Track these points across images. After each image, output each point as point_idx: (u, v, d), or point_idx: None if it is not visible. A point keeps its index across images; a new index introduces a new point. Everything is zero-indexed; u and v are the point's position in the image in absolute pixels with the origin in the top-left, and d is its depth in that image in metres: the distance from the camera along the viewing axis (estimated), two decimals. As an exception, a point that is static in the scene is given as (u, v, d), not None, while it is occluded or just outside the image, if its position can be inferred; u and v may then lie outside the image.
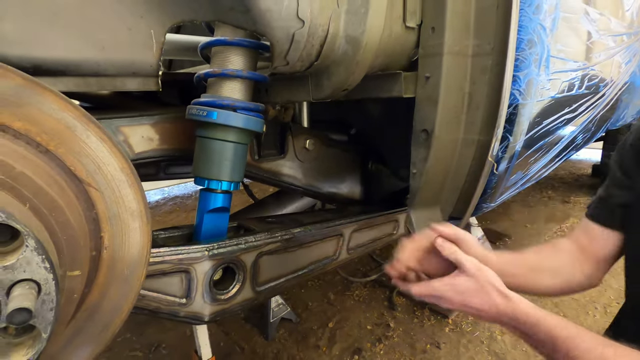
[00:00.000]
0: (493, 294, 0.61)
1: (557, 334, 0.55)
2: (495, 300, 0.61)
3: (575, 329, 0.56)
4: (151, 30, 0.68)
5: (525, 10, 0.88)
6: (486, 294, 0.62)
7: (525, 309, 0.60)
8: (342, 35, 0.73)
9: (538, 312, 0.59)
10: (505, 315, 0.61)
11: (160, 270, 0.68)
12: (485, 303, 0.62)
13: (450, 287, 0.64)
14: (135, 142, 0.81)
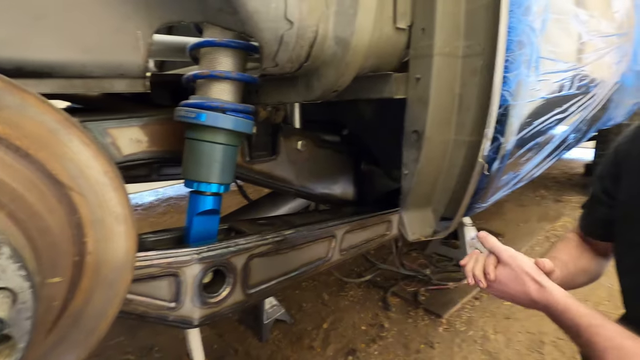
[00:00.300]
0: (527, 282, 0.66)
1: (582, 321, 0.58)
2: (530, 288, 0.66)
3: (601, 319, 0.58)
4: (138, 32, 0.67)
5: (514, 11, 0.89)
6: (521, 282, 0.67)
7: (557, 297, 0.64)
8: (331, 37, 0.73)
9: (567, 300, 0.63)
10: (538, 302, 0.66)
11: (148, 274, 0.67)
12: (520, 291, 0.67)
13: None
14: (124, 144, 0.80)
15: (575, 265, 0.79)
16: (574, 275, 0.77)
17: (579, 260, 0.81)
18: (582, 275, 0.80)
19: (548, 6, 1.01)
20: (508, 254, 0.70)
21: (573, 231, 0.89)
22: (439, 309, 1.90)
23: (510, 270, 0.68)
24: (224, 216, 1.41)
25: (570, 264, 0.79)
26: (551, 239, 2.73)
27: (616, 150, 0.78)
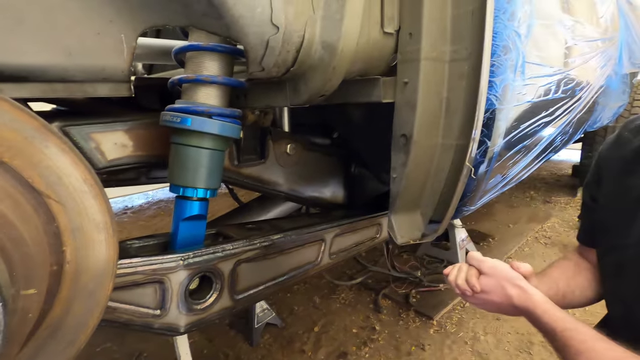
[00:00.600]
0: (509, 287, 0.69)
1: (558, 325, 0.61)
2: (510, 292, 0.69)
3: (575, 323, 0.61)
4: (122, 35, 0.66)
5: (500, 17, 0.90)
6: (502, 288, 0.70)
7: (536, 301, 0.66)
8: (318, 41, 0.73)
9: (546, 305, 0.65)
10: (519, 307, 0.68)
11: (132, 282, 0.66)
12: (502, 296, 0.70)
13: None
14: (108, 149, 0.79)
15: (568, 283, 0.79)
16: (564, 293, 0.78)
17: (574, 279, 0.81)
18: (578, 294, 0.80)
19: (533, 12, 1.02)
20: (488, 264, 0.72)
21: (574, 249, 0.90)
22: (430, 310, 1.91)
23: (492, 279, 0.70)
24: (212, 220, 1.40)
25: (562, 282, 0.79)
26: (540, 239, 2.76)
27: (598, 157, 0.80)
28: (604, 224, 0.76)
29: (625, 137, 0.75)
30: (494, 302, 0.70)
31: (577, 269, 0.82)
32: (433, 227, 1.09)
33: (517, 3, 0.94)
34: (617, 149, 0.76)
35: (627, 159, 0.72)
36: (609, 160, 0.77)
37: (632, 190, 0.69)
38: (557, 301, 0.75)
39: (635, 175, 0.69)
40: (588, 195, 0.83)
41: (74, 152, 0.46)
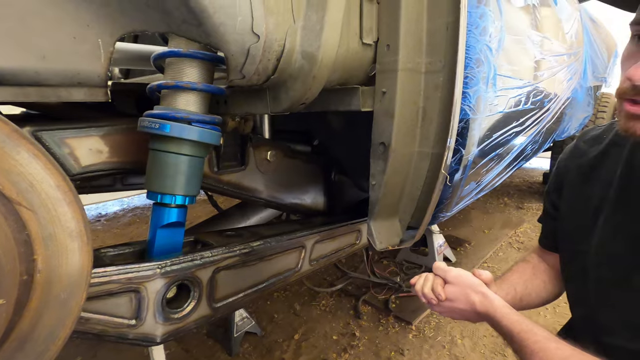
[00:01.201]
0: (471, 294, 0.72)
1: (514, 327, 0.64)
2: (473, 299, 0.71)
3: (531, 326, 0.64)
4: (99, 40, 0.65)
5: (472, 31, 0.94)
6: (465, 295, 0.73)
7: (497, 306, 0.69)
8: (298, 50, 0.74)
9: (504, 309, 0.68)
10: (481, 312, 0.70)
11: (106, 291, 0.64)
12: (466, 303, 0.72)
13: None
14: (82, 155, 0.77)
15: (526, 286, 0.83)
16: (522, 296, 0.81)
17: (531, 282, 0.85)
18: (534, 296, 0.84)
19: (503, 27, 1.08)
20: (453, 273, 0.76)
21: (533, 251, 0.94)
22: (409, 315, 1.93)
23: (457, 287, 0.73)
24: (192, 227, 1.38)
25: (520, 285, 0.83)
26: (514, 244, 2.86)
27: (558, 166, 0.84)
28: (565, 231, 0.80)
29: (581, 147, 0.80)
30: (459, 309, 0.73)
31: (534, 272, 0.86)
32: (411, 233, 1.11)
33: (488, 19, 0.98)
34: (574, 158, 0.80)
35: (584, 169, 0.76)
36: (567, 169, 0.81)
37: (590, 198, 0.73)
38: (515, 304, 0.79)
39: (592, 184, 0.73)
40: (549, 202, 0.87)
41: (47, 158, 0.45)
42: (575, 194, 0.77)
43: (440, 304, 0.75)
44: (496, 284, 0.82)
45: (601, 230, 0.69)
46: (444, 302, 0.75)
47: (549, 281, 0.86)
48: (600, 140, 0.77)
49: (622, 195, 0.67)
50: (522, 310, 0.83)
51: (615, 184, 0.68)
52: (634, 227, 0.63)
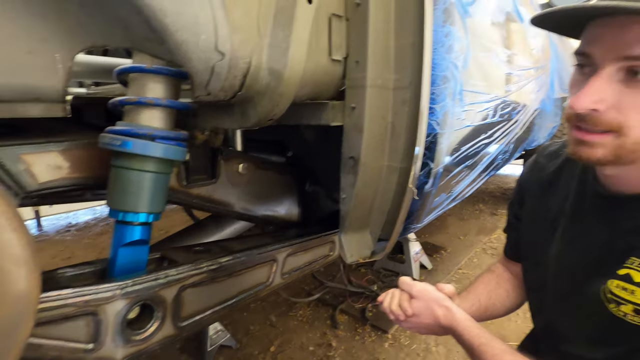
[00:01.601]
0: (435, 307, 0.73)
1: (474, 341, 0.66)
2: (437, 312, 0.73)
3: (489, 339, 0.66)
4: (56, 55, 0.63)
5: (438, 49, 0.97)
6: (430, 309, 0.74)
7: (459, 319, 0.71)
8: (265, 68, 0.74)
9: (466, 322, 0.70)
10: (446, 325, 0.72)
11: (61, 315, 0.62)
12: (431, 317, 0.74)
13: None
14: (40, 171, 0.74)
15: (490, 297, 0.86)
16: (486, 306, 0.84)
17: (495, 292, 0.87)
18: (499, 306, 0.86)
19: (469, 45, 1.12)
20: (418, 288, 0.77)
21: (499, 260, 0.97)
22: (385, 324, 1.95)
23: (422, 301, 0.75)
24: (163, 240, 1.35)
25: (483, 296, 0.85)
26: (488, 250, 2.93)
27: (520, 180, 0.88)
28: (526, 241, 0.83)
29: (540, 162, 0.83)
30: (424, 323, 0.74)
31: (498, 282, 0.89)
32: (382, 245, 1.13)
33: (454, 37, 1.02)
34: (535, 172, 0.83)
35: (543, 183, 0.80)
36: (528, 183, 0.84)
37: (549, 211, 0.76)
38: (480, 315, 0.81)
39: (551, 198, 0.77)
40: (512, 214, 0.90)
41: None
42: (535, 206, 0.80)
43: (408, 320, 0.76)
44: (461, 297, 0.83)
45: (558, 243, 0.72)
46: (411, 317, 0.75)
47: (512, 290, 0.88)
48: (557, 155, 0.81)
49: (576, 209, 0.70)
50: (488, 320, 0.86)
51: (570, 198, 0.72)
52: (586, 240, 0.66)
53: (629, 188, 0.60)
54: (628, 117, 0.50)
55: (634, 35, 0.49)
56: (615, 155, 0.53)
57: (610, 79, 0.51)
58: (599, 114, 0.52)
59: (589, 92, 0.52)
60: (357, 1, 0.90)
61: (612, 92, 0.51)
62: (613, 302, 0.59)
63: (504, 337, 1.92)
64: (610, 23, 0.51)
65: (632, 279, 0.57)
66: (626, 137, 0.51)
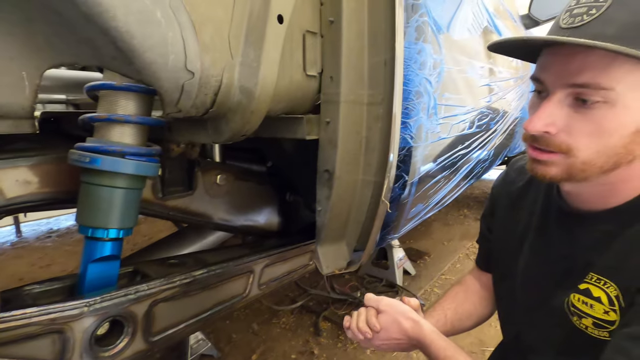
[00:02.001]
0: (402, 321, 0.73)
1: (440, 353, 0.67)
2: (405, 325, 0.73)
3: (454, 351, 0.67)
4: (23, 72, 0.64)
5: (411, 66, 0.99)
6: (398, 323, 0.74)
7: (426, 331, 0.71)
8: (237, 85, 0.75)
9: (433, 335, 0.70)
10: (414, 338, 0.72)
11: (24, 334, 0.61)
12: (399, 331, 0.73)
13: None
14: (7, 187, 0.74)
15: (456, 311, 0.87)
16: (452, 322, 0.85)
17: (462, 306, 0.88)
18: (466, 320, 0.87)
19: (443, 61, 1.15)
20: (384, 302, 0.77)
21: (470, 272, 0.99)
22: (367, 331, 1.96)
23: (389, 315, 0.75)
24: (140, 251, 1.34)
25: (450, 311, 0.86)
26: (471, 256, 2.98)
27: (492, 192, 0.90)
28: (497, 253, 0.85)
29: (511, 175, 0.86)
30: (393, 338, 0.74)
31: (466, 295, 0.91)
32: (359, 255, 1.14)
33: (427, 54, 1.04)
34: (505, 186, 0.86)
35: (514, 196, 0.82)
36: (500, 195, 0.87)
37: (518, 224, 0.78)
38: (447, 330, 0.83)
39: (519, 211, 0.79)
40: (485, 225, 0.92)
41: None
42: (505, 219, 0.83)
43: (376, 337, 0.75)
44: (428, 313, 0.85)
45: (526, 255, 0.75)
46: (380, 333, 0.75)
47: (479, 302, 0.90)
48: (526, 170, 0.83)
49: (542, 223, 0.73)
50: (455, 334, 0.87)
51: (537, 212, 0.74)
52: (550, 253, 0.69)
53: (586, 205, 0.63)
54: (576, 140, 0.53)
55: (577, 65, 0.52)
56: (567, 174, 0.56)
57: (560, 103, 0.54)
58: (550, 136, 0.55)
59: (541, 116, 0.54)
60: (331, 18, 0.92)
61: (562, 116, 0.54)
62: (575, 315, 0.61)
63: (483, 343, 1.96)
64: (558, 52, 0.54)
65: (591, 293, 0.59)
66: (575, 157, 0.54)
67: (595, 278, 0.59)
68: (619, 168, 0.55)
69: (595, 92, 0.50)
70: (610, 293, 0.57)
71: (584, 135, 0.53)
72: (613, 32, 0.49)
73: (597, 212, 0.61)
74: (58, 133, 1.18)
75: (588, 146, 0.53)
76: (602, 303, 0.58)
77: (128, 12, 0.57)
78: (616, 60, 0.49)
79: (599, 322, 0.58)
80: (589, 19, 0.50)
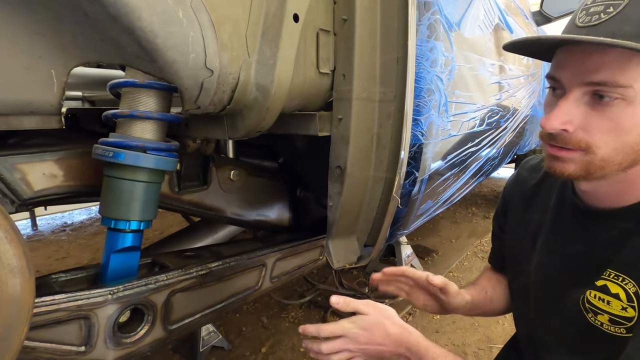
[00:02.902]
0: (389, 325, 0.69)
1: None
2: (391, 330, 0.69)
3: (452, 358, 0.66)
4: (51, 70, 0.66)
5: (422, 63, 1.00)
6: (383, 327, 0.69)
7: (417, 338, 0.69)
8: (253, 83, 0.77)
9: (426, 342, 0.68)
10: (401, 345, 0.68)
11: (54, 319, 0.65)
12: (384, 336, 0.68)
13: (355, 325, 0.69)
14: (35, 180, 0.77)
15: (494, 290, 0.89)
16: (492, 298, 0.87)
17: (499, 286, 0.91)
18: (502, 301, 0.89)
19: (455, 58, 1.15)
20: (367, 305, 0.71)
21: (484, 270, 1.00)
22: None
23: (372, 318, 0.69)
24: (155, 244, 1.37)
25: (489, 289, 0.89)
26: (479, 254, 2.98)
27: (504, 192, 0.91)
28: (509, 252, 0.86)
29: (523, 175, 0.87)
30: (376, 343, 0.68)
31: (498, 279, 0.93)
32: (369, 250, 1.16)
33: (438, 51, 1.05)
34: (517, 185, 0.87)
35: (526, 195, 0.83)
36: (512, 195, 0.87)
37: (530, 223, 0.79)
38: (485, 305, 0.85)
39: (532, 210, 0.80)
40: (497, 225, 0.93)
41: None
42: (517, 218, 0.84)
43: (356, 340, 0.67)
44: (467, 287, 0.87)
45: (539, 252, 0.75)
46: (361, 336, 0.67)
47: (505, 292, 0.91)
48: (539, 169, 0.84)
49: (555, 222, 0.73)
50: (489, 313, 0.90)
51: (550, 211, 0.75)
52: (565, 251, 0.70)
53: (603, 203, 0.63)
54: (594, 138, 0.54)
55: (594, 64, 0.52)
56: (586, 171, 0.56)
57: (577, 101, 0.54)
58: (568, 134, 0.55)
59: (558, 114, 0.55)
60: (344, 17, 0.93)
61: (579, 114, 0.54)
62: (591, 312, 0.62)
63: (490, 340, 1.96)
64: (575, 50, 0.54)
65: (608, 290, 0.59)
66: (594, 154, 0.54)
67: (613, 275, 0.60)
68: (637, 165, 0.55)
69: (613, 90, 0.51)
70: (629, 289, 0.57)
71: (602, 132, 0.53)
72: (630, 30, 0.49)
73: (614, 209, 0.62)
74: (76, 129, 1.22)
75: (607, 143, 0.53)
76: (620, 299, 0.58)
77: (152, 12, 0.59)
78: (634, 58, 0.49)
79: (615, 318, 0.59)
80: (606, 17, 0.51)
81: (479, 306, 0.88)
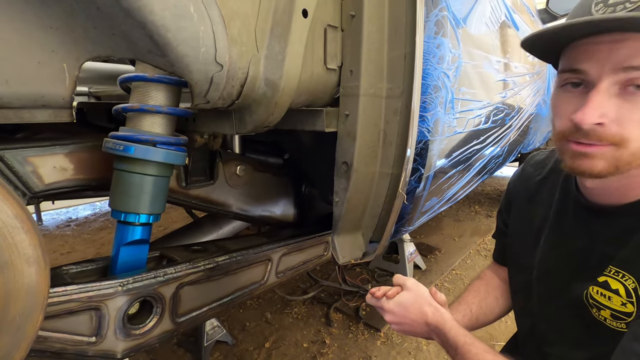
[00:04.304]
0: (424, 304, 0.75)
1: (459, 340, 0.69)
2: (425, 309, 0.75)
3: (473, 339, 0.69)
4: (63, 64, 0.67)
5: (430, 60, 1.01)
6: (419, 305, 0.75)
7: (446, 319, 0.73)
8: (262, 78, 0.78)
9: (453, 323, 0.73)
10: (432, 323, 0.74)
11: (66, 310, 0.66)
12: (418, 313, 0.75)
13: (395, 302, 0.77)
14: (46, 173, 0.78)
15: (480, 306, 0.89)
16: (477, 316, 0.87)
17: (485, 300, 0.90)
18: (489, 314, 0.89)
19: (461, 55, 1.15)
20: (412, 281, 0.79)
21: (488, 267, 1.01)
22: (378, 323, 1.99)
23: (411, 294, 0.77)
24: (161, 238, 1.39)
25: (475, 305, 0.89)
26: (481, 252, 2.98)
27: (508, 188, 0.91)
28: (513, 247, 0.87)
29: (527, 171, 0.87)
30: (410, 319, 0.75)
31: (487, 290, 0.92)
32: (374, 246, 1.17)
33: (445, 48, 1.05)
34: (522, 181, 0.87)
35: (531, 191, 0.83)
36: (516, 191, 0.88)
37: (534, 218, 0.80)
38: (472, 324, 0.85)
39: (537, 205, 0.80)
40: (501, 220, 0.94)
41: (5, 188, 0.47)
42: (521, 214, 0.84)
43: (393, 313, 0.77)
44: (452, 307, 0.87)
45: (542, 248, 0.76)
46: (398, 310, 0.77)
47: (500, 296, 0.92)
48: (543, 165, 0.84)
49: (559, 217, 0.74)
50: (479, 328, 0.90)
51: (554, 207, 0.75)
52: (568, 247, 0.70)
53: (607, 199, 0.64)
54: (628, 130, 0.52)
55: (628, 50, 0.50)
56: (615, 167, 0.54)
57: (608, 93, 0.52)
58: (602, 128, 0.52)
59: (593, 107, 0.52)
60: (352, 13, 0.93)
61: (612, 107, 0.52)
62: (594, 307, 0.63)
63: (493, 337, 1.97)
64: (602, 40, 0.52)
65: (609, 286, 0.60)
66: (625, 149, 0.52)
67: (613, 271, 0.60)
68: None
69: None
70: (628, 285, 0.58)
71: (637, 124, 0.51)
72: None
73: (617, 206, 0.62)
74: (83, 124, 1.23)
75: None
76: (620, 295, 0.59)
77: (164, 6, 0.60)
78: None
79: (617, 314, 0.59)
80: (632, 6, 0.49)
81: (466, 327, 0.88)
